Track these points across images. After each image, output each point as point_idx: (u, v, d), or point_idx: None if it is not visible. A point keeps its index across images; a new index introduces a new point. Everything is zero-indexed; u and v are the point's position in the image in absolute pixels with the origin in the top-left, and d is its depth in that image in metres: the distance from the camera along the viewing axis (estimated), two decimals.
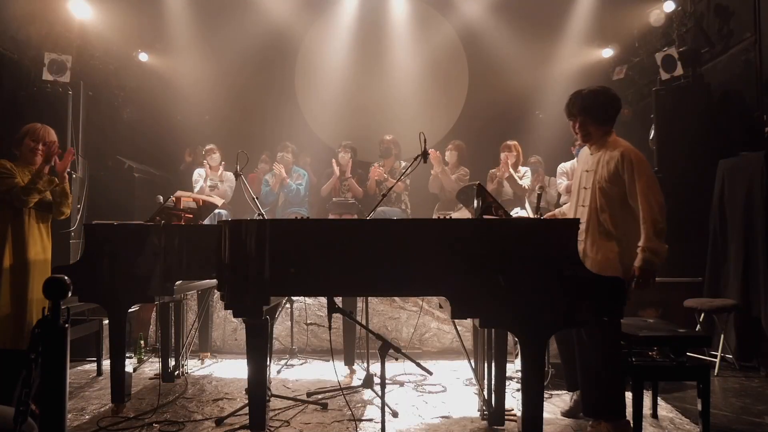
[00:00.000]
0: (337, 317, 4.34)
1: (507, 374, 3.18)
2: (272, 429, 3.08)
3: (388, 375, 2.86)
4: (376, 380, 2.45)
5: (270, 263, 2.54)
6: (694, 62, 5.51)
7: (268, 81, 7.64)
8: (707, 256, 4.82)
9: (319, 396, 3.65)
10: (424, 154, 3.12)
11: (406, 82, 7.45)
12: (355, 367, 4.33)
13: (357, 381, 4.09)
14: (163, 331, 4.13)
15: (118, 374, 3.31)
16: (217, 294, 4.68)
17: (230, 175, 6.00)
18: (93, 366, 4.36)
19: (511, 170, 5.51)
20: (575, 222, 2.59)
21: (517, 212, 5.23)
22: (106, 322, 4.15)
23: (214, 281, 3.16)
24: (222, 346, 5.03)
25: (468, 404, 3.56)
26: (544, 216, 3.36)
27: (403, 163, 6.03)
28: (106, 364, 3.83)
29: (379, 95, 7.52)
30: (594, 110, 2.99)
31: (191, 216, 3.93)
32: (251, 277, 2.56)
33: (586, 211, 2.97)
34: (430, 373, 2.49)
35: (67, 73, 5.48)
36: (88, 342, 4.45)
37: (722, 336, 4.31)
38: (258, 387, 2.74)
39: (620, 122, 3.10)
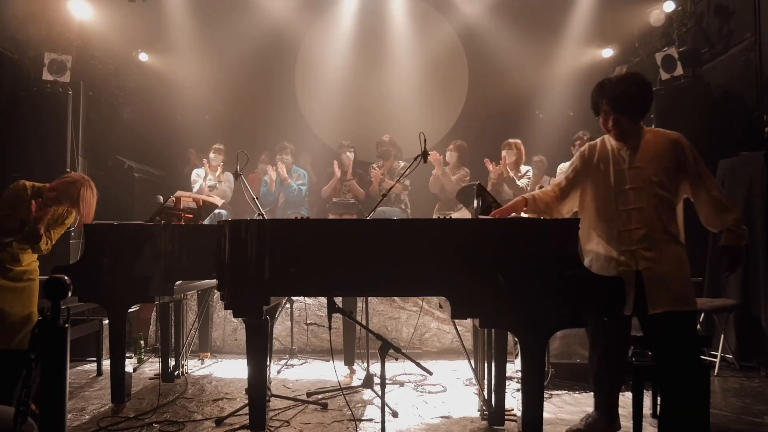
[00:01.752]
0: (337, 317, 4.34)
1: (507, 374, 3.18)
2: (272, 429, 3.08)
3: (388, 375, 2.85)
4: (376, 380, 2.45)
5: (270, 263, 2.54)
6: (694, 62, 5.51)
7: (268, 81, 7.64)
8: (707, 256, 4.82)
9: (319, 396, 3.65)
10: (424, 155, 3.11)
11: (406, 82, 7.45)
12: (355, 367, 4.33)
13: (357, 381, 4.09)
14: (163, 331, 4.13)
15: (118, 374, 3.31)
16: (217, 294, 4.68)
17: (229, 175, 6.01)
18: (93, 366, 4.36)
19: (509, 170, 5.47)
20: (575, 222, 2.58)
21: None
22: (106, 322, 4.16)
23: (214, 281, 3.16)
24: (222, 346, 5.03)
25: (468, 404, 3.56)
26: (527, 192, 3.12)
27: (402, 163, 6.04)
28: (106, 364, 3.83)
29: (379, 95, 7.52)
30: (630, 105, 2.61)
31: (191, 216, 3.93)
32: (251, 277, 2.56)
33: (643, 214, 2.57)
34: (430, 373, 2.49)
35: (67, 73, 5.48)
36: (88, 342, 4.45)
37: (722, 336, 4.31)
38: (258, 387, 2.74)
39: None
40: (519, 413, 2.53)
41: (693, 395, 2.58)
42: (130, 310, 3.71)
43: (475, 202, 3.07)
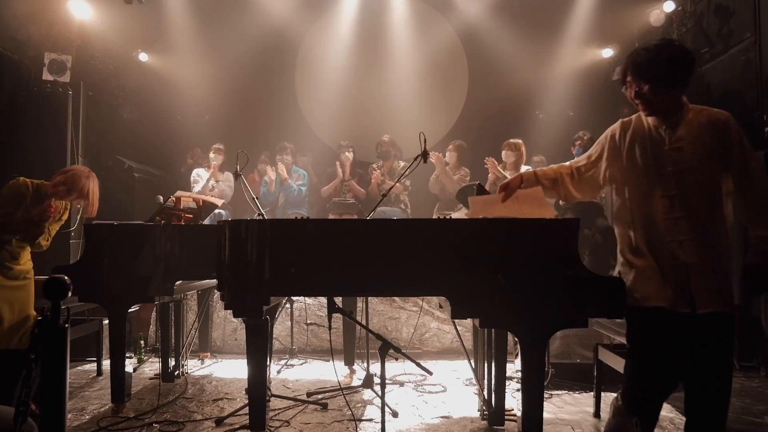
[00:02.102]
0: (337, 317, 4.34)
1: (507, 374, 3.18)
2: (272, 429, 3.08)
3: (388, 375, 2.86)
4: (376, 380, 2.46)
5: (270, 263, 2.54)
6: None
7: (268, 81, 7.64)
8: None
9: (319, 396, 3.66)
10: (424, 155, 3.11)
11: (406, 82, 7.45)
12: (355, 367, 4.33)
13: (357, 381, 4.09)
14: (163, 331, 4.13)
15: (118, 374, 3.31)
16: (217, 294, 4.68)
17: (229, 175, 6.01)
18: (93, 366, 4.36)
19: (502, 171, 5.42)
20: (575, 222, 2.57)
21: None
22: (106, 322, 4.16)
23: (214, 281, 3.16)
24: (222, 346, 5.04)
25: (468, 404, 3.56)
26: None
27: (402, 163, 6.04)
28: (106, 364, 3.83)
29: (379, 95, 7.52)
30: (653, 72, 2.25)
31: (191, 216, 3.93)
32: (251, 277, 2.55)
33: (688, 201, 2.24)
34: (430, 373, 2.49)
35: (67, 73, 5.48)
36: (88, 342, 4.45)
37: None
38: (258, 387, 2.75)
39: None
40: (519, 413, 2.53)
41: (728, 399, 2.30)
42: (130, 310, 3.71)
43: None
